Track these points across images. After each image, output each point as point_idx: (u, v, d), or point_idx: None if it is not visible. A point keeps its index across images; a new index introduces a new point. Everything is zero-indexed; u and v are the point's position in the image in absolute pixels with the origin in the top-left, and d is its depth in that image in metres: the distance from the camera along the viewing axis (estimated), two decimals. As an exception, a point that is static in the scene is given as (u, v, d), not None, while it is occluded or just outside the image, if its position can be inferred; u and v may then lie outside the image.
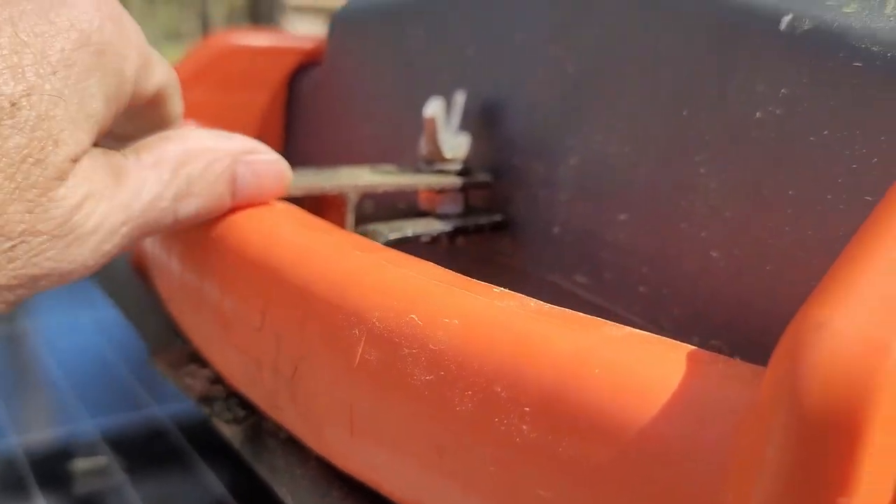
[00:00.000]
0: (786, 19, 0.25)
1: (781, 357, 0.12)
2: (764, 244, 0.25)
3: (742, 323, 0.26)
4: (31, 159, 0.18)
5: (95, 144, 0.21)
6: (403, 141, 0.40)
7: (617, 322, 0.17)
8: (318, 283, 0.22)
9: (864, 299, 0.12)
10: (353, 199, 0.30)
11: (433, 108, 0.31)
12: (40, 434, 0.45)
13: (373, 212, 0.35)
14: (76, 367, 0.54)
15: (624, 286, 0.30)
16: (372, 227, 0.32)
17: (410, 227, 0.32)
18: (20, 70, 0.18)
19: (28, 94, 0.18)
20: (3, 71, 0.18)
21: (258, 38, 0.42)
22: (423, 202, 0.34)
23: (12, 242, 0.19)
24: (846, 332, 0.11)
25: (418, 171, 0.34)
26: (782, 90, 0.25)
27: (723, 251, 0.27)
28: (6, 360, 0.57)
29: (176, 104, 0.26)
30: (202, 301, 0.27)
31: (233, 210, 0.26)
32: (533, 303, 0.19)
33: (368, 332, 0.19)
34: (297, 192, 0.29)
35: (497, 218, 0.35)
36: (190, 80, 0.41)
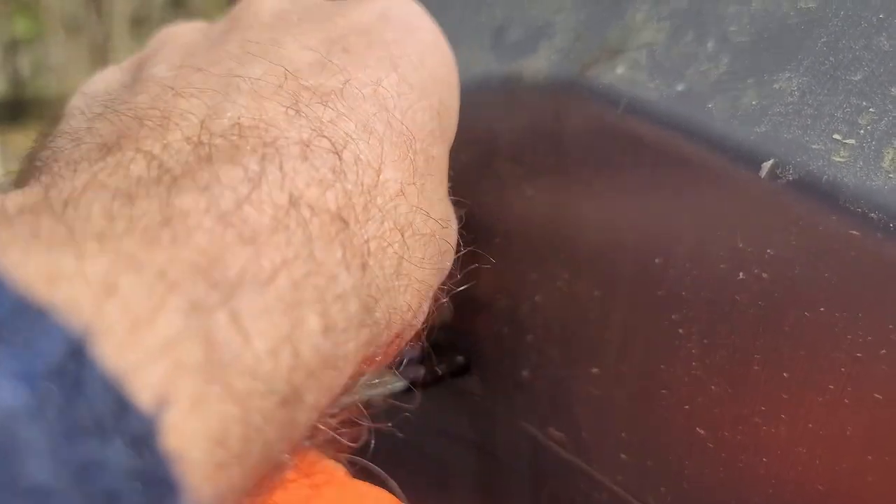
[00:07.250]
0: (766, 166, 0.21)
1: None
2: (757, 430, 0.21)
3: (739, 517, 0.22)
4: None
5: None
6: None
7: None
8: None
9: None
10: None
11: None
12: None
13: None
14: None
15: (604, 450, 0.26)
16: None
17: (356, 391, 0.28)
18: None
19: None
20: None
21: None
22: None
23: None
24: None
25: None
26: (768, 250, 0.21)
27: (709, 429, 0.23)
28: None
29: None
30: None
31: None
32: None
33: None
34: None
35: (459, 361, 0.31)
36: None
